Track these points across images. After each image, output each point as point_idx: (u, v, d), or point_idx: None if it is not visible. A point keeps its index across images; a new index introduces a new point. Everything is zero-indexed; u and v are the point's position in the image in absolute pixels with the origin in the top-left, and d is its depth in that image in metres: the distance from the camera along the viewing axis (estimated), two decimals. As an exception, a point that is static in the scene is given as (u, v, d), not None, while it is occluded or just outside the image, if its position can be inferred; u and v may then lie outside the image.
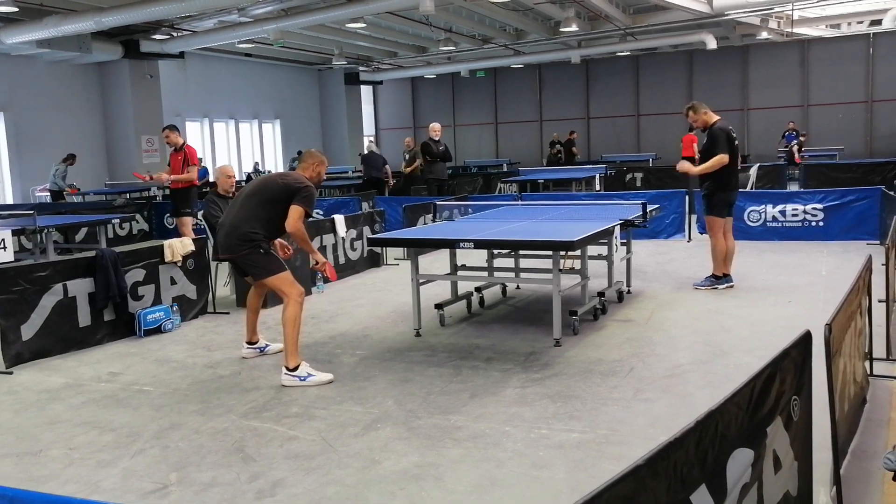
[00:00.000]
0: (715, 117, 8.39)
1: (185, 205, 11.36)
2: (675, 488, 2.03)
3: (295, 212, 5.82)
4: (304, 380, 5.70)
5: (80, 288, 7.04)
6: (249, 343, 6.61)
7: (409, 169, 18.28)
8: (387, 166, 18.59)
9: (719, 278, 8.50)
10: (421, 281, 7.03)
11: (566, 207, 9.75)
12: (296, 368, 5.73)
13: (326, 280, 8.79)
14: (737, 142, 8.36)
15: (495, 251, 8.18)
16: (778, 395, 2.70)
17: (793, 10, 23.00)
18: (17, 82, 20.66)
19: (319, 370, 5.83)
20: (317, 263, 6.20)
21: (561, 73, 31.78)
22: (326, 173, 6.53)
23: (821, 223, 11.62)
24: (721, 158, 8.14)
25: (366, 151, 20.79)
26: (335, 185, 20.61)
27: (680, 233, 12.44)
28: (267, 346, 6.64)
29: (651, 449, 1.94)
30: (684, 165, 8.81)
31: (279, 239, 6.39)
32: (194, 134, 26.26)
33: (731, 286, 8.45)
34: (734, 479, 2.34)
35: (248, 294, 6.62)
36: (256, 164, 27.92)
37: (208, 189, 11.82)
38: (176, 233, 11.83)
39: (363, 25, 21.45)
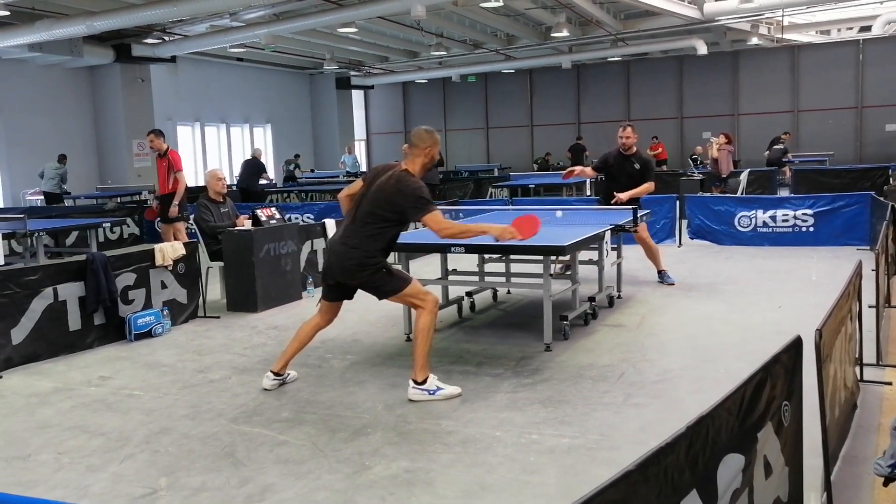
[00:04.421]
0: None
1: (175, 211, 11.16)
2: (666, 494, 2.03)
3: (431, 222, 5.26)
4: (433, 393, 5.32)
5: (71, 292, 7.01)
6: (277, 374, 5.71)
7: None
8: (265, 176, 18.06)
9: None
10: (412, 285, 7.00)
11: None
12: (424, 381, 5.34)
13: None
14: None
15: (486, 256, 8.18)
16: (769, 401, 2.71)
17: (783, 16, 23.16)
18: (8, 86, 20.62)
19: (313, 375, 5.78)
20: (502, 235, 5.50)
21: (552, 78, 31.79)
22: (317, 177, 6.23)
23: (811, 228, 11.66)
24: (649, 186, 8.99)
25: (249, 157, 19.44)
26: (326, 190, 20.58)
27: (670, 238, 12.44)
28: (289, 374, 5.84)
29: (642, 454, 1.94)
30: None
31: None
32: (186, 138, 26.20)
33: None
34: (725, 485, 2.35)
35: (307, 323, 5.81)
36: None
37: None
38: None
39: (355, 30, 21.50)
